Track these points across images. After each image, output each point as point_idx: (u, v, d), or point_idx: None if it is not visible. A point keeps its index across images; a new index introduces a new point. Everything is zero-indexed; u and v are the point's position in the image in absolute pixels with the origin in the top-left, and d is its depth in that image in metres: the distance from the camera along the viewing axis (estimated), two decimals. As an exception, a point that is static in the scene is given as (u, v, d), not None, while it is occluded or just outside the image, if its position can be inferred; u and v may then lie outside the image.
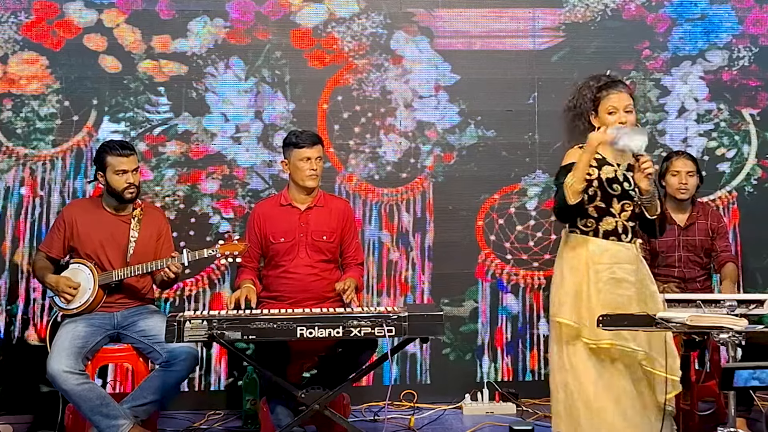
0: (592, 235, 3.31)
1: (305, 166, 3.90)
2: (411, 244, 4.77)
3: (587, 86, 3.37)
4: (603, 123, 3.30)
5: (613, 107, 3.29)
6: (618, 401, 3.22)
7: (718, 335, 2.90)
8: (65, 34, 4.62)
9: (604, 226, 3.30)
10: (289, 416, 3.68)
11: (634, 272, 3.30)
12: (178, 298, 4.61)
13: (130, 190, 3.85)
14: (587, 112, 3.35)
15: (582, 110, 3.36)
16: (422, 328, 3.31)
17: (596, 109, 3.33)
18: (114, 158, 3.81)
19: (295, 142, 3.92)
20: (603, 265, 3.27)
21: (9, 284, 4.53)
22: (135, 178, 3.86)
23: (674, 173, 4.22)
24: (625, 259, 3.29)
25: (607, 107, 3.30)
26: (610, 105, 3.30)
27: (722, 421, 3.05)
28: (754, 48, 4.92)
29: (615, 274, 3.26)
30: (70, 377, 3.53)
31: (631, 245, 3.33)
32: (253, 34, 4.72)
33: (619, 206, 3.31)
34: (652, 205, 3.25)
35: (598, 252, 3.28)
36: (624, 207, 3.31)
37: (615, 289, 3.26)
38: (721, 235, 4.31)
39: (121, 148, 3.84)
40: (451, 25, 4.82)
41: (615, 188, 3.30)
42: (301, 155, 3.90)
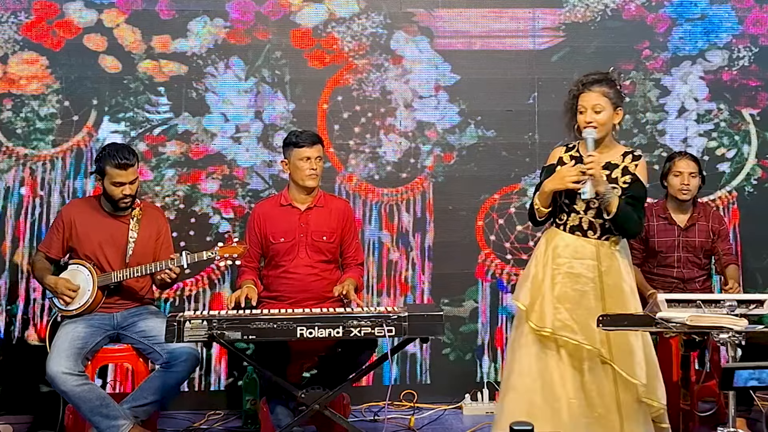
0: (562, 229, 3.50)
1: (305, 165, 3.90)
2: (411, 244, 4.77)
3: (575, 84, 3.53)
4: (578, 121, 3.46)
5: (582, 106, 3.44)
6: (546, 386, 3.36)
7: (718, 335, 2.90)
8: (65, 34, 4.62)
9: (570, 221, 3.48)
10: (289, 416, 3.68)
11: (595, 268, 3.42)
12: (178, 298, 4.61)
13: (124, 201, 3.83)
14: (572, 109, 3.51)
15: (568, 107, 3.53)
16: (422, 328, 3.31)
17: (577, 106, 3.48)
18: (112, 169, 3.77)
19: (295, 141, 3.92)
20: (563, 259, 3.44)
21: (9, 284, 4.53)
22: (132, 188, 3.83)
23: (676, 174, 4.22)
24: (588, 254, 3.43)
25: (579, 107, 3.46)
26: (580, 104, 3.45)
27: (722, 421, 3.05)
28: (754, 48, 4.92)
29: (573, 269, 3.42)
30: (70, 378, 3.53)
31: (598, 242, 3.44)
32: (253, 34, 4.72)
33: (584, 204, 3.44)
34: (606, 203, 3.35)
35: (561, 245, 3.47)
36: (589, 205, 3.44)
37: (572, 283, 3.41)
38: (722, 237, 4.31)
39: (121, 159, 3.76)
40: (451, 25, 4.82)
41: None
42: (301, 155, 3.90)
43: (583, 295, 3.40)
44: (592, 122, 3.40)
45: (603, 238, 3.45)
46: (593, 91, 3.43)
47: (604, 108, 3.42)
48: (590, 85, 3.45)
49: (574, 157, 3.50)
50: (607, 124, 3.43)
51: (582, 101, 3.44)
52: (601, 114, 3.41)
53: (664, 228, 4.26)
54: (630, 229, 3.45)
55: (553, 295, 3.40)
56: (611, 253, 3.44)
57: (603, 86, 3.45)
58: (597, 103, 3.41)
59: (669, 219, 4.27)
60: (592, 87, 3.44)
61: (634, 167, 3.47)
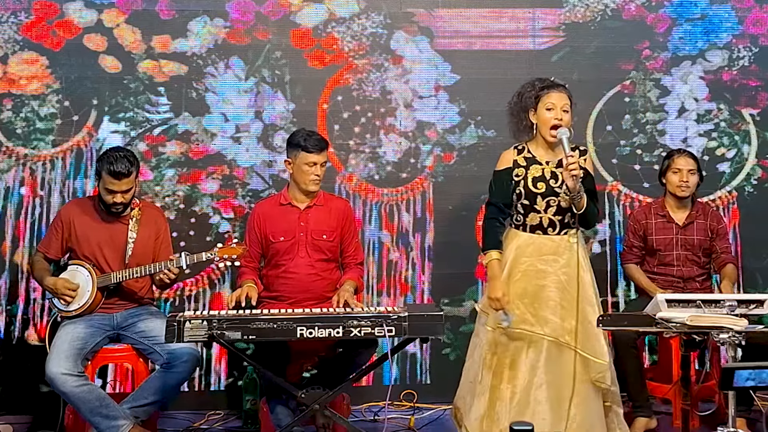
0: (521, 230, 3.63)
1: (310, 170, 3.90)
2: (411, 244, 4.77)
3: (531, 84, 3.62)
4: (540, 118, 3.55)
5: (552, 104, 3.53)
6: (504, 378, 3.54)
7: (718, 335, 2.91)
8: (65, 34, 4.62)
9: (530, 221, 3.61)
10: (289, 416, 3.68)
11: (555, 262, 3.55)
12: (178, 298, 4.61)
13: (115, 207, 3.83)
14: (528, 109, 3.59)
15: (523, 106, 3.61)
16: (422, 328, 3.32)
17: (536, 105, 3.57)
18: (107, 176, 3.75)
19: (304, 146, 3.89)
20: (525, 258, 3.58)
21: (9, 284, 4.53)
22: (125, 197, 3.80)
23: (675, 171, 4.23)
24: (549, 250, 3.57)
25: (546, 103, 3.54)
26: (549, 101, 3.54)
27: (722, 421, 3.05)
28: (754, 48, 4.92)
29: (533, 266, 3.56)
30: (69, 379, 3.53)
31: (560, 237, 3.59)
32: (253, 34, 4.72)
33: (544, 203, 3.57)
34: (579, 200, 3.46)
35: (524, 245, 3.60)
36: (549, 203, 3.57)
37: (530, 279, 3.56)
38: (720, 236, 4.31)
39: (118, 168, 3.70)
40: (451, 25, 4.82)
41: (539, 186, 3.57)
42: (308, 159, 3.90)
43: (542, 289, 3.55)
44: (562, 120, 3.51)
45: (562, 233, 3.60)
46: (561, 91, 3.57)
47: (569, 110, 3.55)
48: (557, 87, 3.57)
49: (528, 158, 3.61)
50: (569, 125, 3.54)
51: (550, 99, 3.53)
52: (569, 114, 3.55)
53: (662, 226, 4.26)
54: (592, 222, 3.69)
55: (514, 292, 3.54)
56: (570, 245, 3.58)
57: (565, 89, 3.59)
58: (566, 102, 3.54)
59: (667, 217, 4.27)
60: (558, 88, 3.57)
61: (583, 162, 3.59)
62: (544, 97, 3.55)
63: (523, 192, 3.59)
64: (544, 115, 3.55)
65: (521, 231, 3.63)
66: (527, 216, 3.60)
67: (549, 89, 3.56)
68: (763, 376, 2.56)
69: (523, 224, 3.62)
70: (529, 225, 3.61)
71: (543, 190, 3.58)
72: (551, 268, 3.56)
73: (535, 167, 3.60)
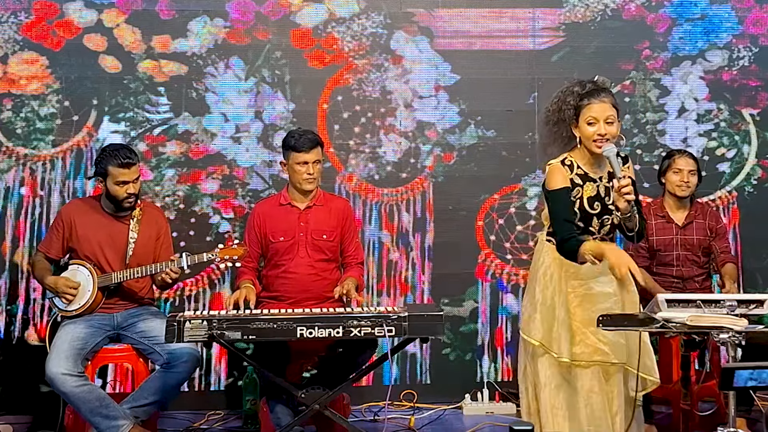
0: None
1: (302, 170, 3.90)
2: (411, 244, 4.77)
3: (570, 92, 3.29)
4: (583, 133, 3.24)
5: (593, 118, 3.21)
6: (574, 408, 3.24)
7: (718, 335, 2.90)
8: (65, 34, 4.62)
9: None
10: (289, 416, 3.68)
11: (611, 282, 3.28)
12: (178, 298, 4.61)
13: (129, 200, 3.83)
14: (570, 120, 3.27)
15: (564, 117, 3.28)
16: (422, 328, 3.31)
17: (578, 117, 3.25)
18: (115, 169, 3.77)
19: (293, 145, 3.90)
20: (578, 281, 3.29)
21: (9, 284, 4.53)
22: (135, 187, 3.83)
23: (676, 171, 4.23)
24: (603, 271, 3.26)
25: (587, 117, 3.22)
26: (590, 115, 3.22)
27: (722, 421, 3.05)
28: (754, 48, 4.92)
29: (591, 290, 3.29)
30: (69, 379, 3.53)
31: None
32: (253, 34, 4.72)
33: (598, 223, 3.31)
34: (631, 221, 3.19)
35: (573, 268, 3.28)
36: (603, 222, 3.32)
37: (592, 305, 3.27)
38: (720, 235, 4.31)
39: (123, 158, 3.77)
40: (451, 25, 4.82)
41: (595, 206, 3.29)
42: (299, 159, 3.90)
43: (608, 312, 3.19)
44: (606, 135, 3.20)
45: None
46: (603, 101, 3.22)
47: (614, 119, 3.23)
48: (598, 95, 3.23)
49: (580, 175, 3.29)
50: (616, 137, 3.24)
51: (592, 112, 3.21)
52: (613, 126, 3.22)
53: (662, 226, 4.26)
54: (642, 234, 3.32)
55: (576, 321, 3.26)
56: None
57: (610, 96, 3.26)
58: (611, 114, 3.21)
59: (666, 217, 4.27)
60: (601, 96, 3.23)
61: (627, 170, 3.34)
62: (584, 109, 3.22)
63: (578, 213, 3.27)
64: (586, 130, 3.22)
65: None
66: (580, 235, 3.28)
67: (590, 99, 3.22)
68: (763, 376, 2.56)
69: None
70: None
71: (599, 210, 3.30)
72: (609, 289, 3.29)
73: (590, 185, 3.28)
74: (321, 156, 3.96)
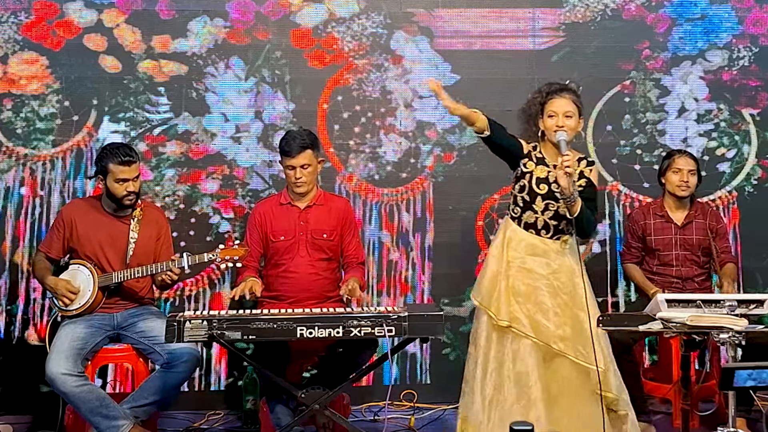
0: (516, 224, 3.65)
1: (290, 173, 3.91)
2: (411, 244, 4.77)
3: (539, 92, 3.66)
4: (545, 125, 3.59)
5: (554, 111, 3.56)
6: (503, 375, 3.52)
7: (718, 335, 2.90)
8: (65, 34, 4.62)
9: (525, 218, 3.62)
10: (289, 416, 3.68)
11: (547, 266, 3.56)
12: (178, 298, 4.61)
13: (129, 198, 3.84)
14: (536, 115, 3.64)
15: (531, 113, 3.66)
16: (422, 328, 3.31)
17: (542, 112, 3.60)
18: (115, 167, 3.78)
19: (282, 148, 3.91)
20: (516, 253, 3.59)
21: (9, 284, 4.53)
22: (135, 185, 3.84)
23: (676, 170, 4.23)
24: (540, 252, 3.58)
25: (548, 111, 3.58)
26: (551, 109, 3.57)
27: (722, 421, 3.05)
28: (754, 48, 4.92)
29: (525, 264, 3.57)
30: (69, 379, 3.53)
31: (552, 241, 3.59)
32: (253, 34, 4.72)
33: (543, 204, 3.59)
34: (573, 204, 3.45)
35: (516, 240, 3.62)
36: (548, 206, 3.59)
37: (522, 278, 3.56)
38: (720, 235, 4.31)
39: (124, 156, 3.78)
40: (451, 25, 4.82)
41: (541, 187, 3.59)
42: (286, 163, 3.91)
43: (534, 291, 3.54)
44: (564, 126, 3.52)
45: (555, 238, 3.60)
46: (564, 97, 3.58)
47: (573, 114, 3.57)
48: (560, 92, 3.59)
49: (538, 157, 3.63)
50: (575, 130, 3.58)
51: (552, 106, 3.57)
52: (572, 119, 3.56)
53: (661, 226, 4.26)
54: (588, 229, 3.60)
55: (509, 290, 3.56)
56: (562, 251, 3.59)
57: (571, 94, 3.60)
58: (569, 109, 3.56)
59: (666, 217, 4.27)
60: (562, 93, 3.59)
61: (588, 172, 3.64)
62: (547, 104, 3.59)
63: (526, 186, 3.61)
64: (547, 122, 3.58)
65: (516, 224, 3.65)
66: (525, 212, 3.62)
67: (553, 96, 3.59)
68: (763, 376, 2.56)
69: (519, 218, 3.64)
70: (525, 221, 3.63)
71: (545, 191, 3.59)
72: (542, 270, 3.57)
73: (542, 168, 3.61)
74: (312, 159, 3.92)
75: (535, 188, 3.60)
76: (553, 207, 3.58)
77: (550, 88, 3.63)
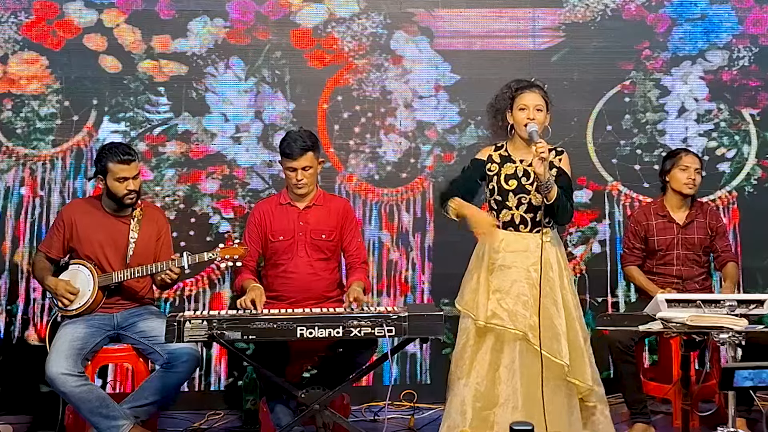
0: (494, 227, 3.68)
1: (291, 175, 3.90)
2: (411, 244, 4.77)
3: (507, 87, 3.74)
4: (515, 118, 3.66)
5: (524, 105, 3.64)
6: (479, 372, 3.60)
7: (718, 335, 2.91)
8: (65, 34, 4.62)
9: (502, 218, 3.70)
10: (289, 416, 3.68)
11: (525, 258, 3.62)
12: (178, 298, 4.61)
13: (129, 197, 3.83)
14: (504, 110, 3.71)
15: (500, 107, 3.74)
16: (422, 328, 3.32)
17: (512, 106, 3.68)
18: (115, 165, 3.78)
19: (283, 150, 3.89)
20: (496, 254, 3.67)
21: (9, 284, 4.53)
22: (135, 184, 3.84)
23: (683, 168, 4.22)
24: (520, 247, 3.65)
25: (519, 104, 3.66)
26: (522, 102, 3.65)
27: (722, 421, 3.05)
28: (754, 48, 4.92)
29: (505, 261, 3.65)
30: (69, 379, 3.53)
31: (532, 235, 3.66)
32: (253, 34, 4.72)
33: (516, 200, 3.67)
34: (549, 190, 3.51)
35: (495, 241, 3.67)
36: (521, 200, 3.67)
37: (503, 275, 3.63)
38: (720, 234, 4.31)
39: (123, 154, 3.78)
40: (451, 25, 4.82)
41: (510, 183, 3.68)
42: (287, 164, 3.89)
43: (513, 284, 3.61)
44: (534, 119, 3.60)
45: (534, 231, 3.66)
46: (534, 91, 3.67)
47: (543, 108, 3.65)
48: (530, 87, 3.68)
49: (503, 156, 3.71)
50: (544, 124, 3.65)
51: (523, 100, 3.65)
52: (541, 113, 3.64)
53: (663, 226, 4.26)
54: (564, 216, 3.67)
55: (490, 288, 3.64)
56: (542, 244, 3.61)
57: (540, 90, 3.70)
58: (539, 102, 3.65)
59: (668, 217, 4.27)
60: (532, 89, 3.68)
61: (558, 161, 3.71)
62: (518, 98, 3.66)
63: (495, 188, 3.70)
64: (518, 115, 3.65)
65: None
66: (500, 213, 3.70)
67: (522, 90, 3.67)
68: (763, 376, 2.56)
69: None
70: (502, 222, 3.69)
71: (514, 186, 3.66)
72: (521, 263, 3.62)
73: (509, 165, 3.69)
74: (313, 161, 3.91)
75: (504, 185, 3.68)
76: (526, 200, 3.66)
77: (518, 84, 3.72)
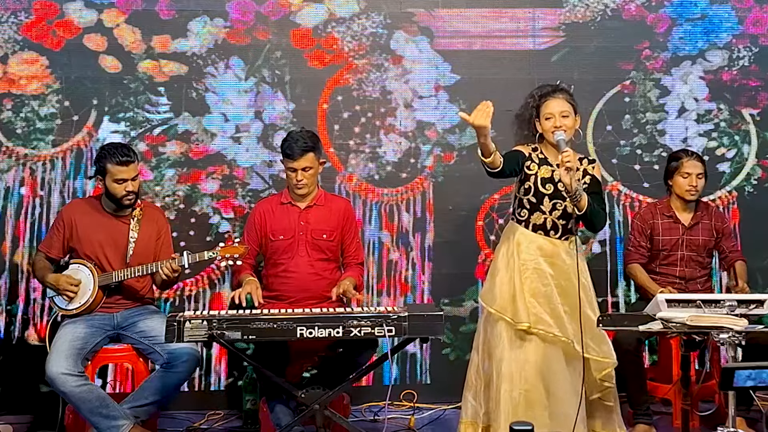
0: (524, 226, 3.67)
1: (291, 176, 3.91)
2: (411, 244, 4.77)
3: (531, 96, 3.72)
4: (543, 127, 3.63)
5: (550, 113, 3.61)
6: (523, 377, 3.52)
7: (718, 335, 2.90)
8: (65, 34, 4.62)
9: (534, 219, 3.66)
10: (289, 416, 3.68)
11: (556, 266, 3.61)
12: (178, 298, 4.61)
13: (128, 198, 3.83)
14: (532, 119, 3.70)
15: (527, 116, 3.72)
16: (422, 328, 3.31)
17: (538, 115, 3.66)
18: (114, 167, 3.77)
19: (284, 150, 3.90)
20: (529, 255, 3.61)
21: (9, 284, 4.53)
22: (134, 185, 3.84)
23: (685, 175, 4.22)
24: (549, 253, 3.63)
25: (545, 114, 3.63)
26: (547, 111, 3.63)
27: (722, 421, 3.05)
28: (754, 48, 4.92)
29: (539, 266, 3.60)
30: (69, 379, 3.53)
31: (561, 242, 3.65)
32: (253, 34, 4.72)
33: (550, 204, 3.64)
34: (579, 199, 3.49)
35: (525, 242, 3.64)
36: (555, 206, 3.64)
37: (540, 279, 3.59)
38: (726, 235, 4.33)
39: (122, 156, 3.78)
40: (451, 25, 4.82)
41: (547, 187, 3.64)
42: (288, 165, 3.91)
43: (549, 292, 3.58)
44: (561, 126, 3.57)
45: (563, 239, 3.66)
46: (557, 98, 3.64)
47: (569, 113, 3.62)
48: (553, 93, 3.65)
49: (540, 158, 3.67)
50: (573, 128, 3.63)
51: (548, 108, 3.62)
52: (569, 118, 3.61)
53: (669, 226, 4.26)
54: (599, 223, 3.66)
55: (527, 292, 3.56)
56: (571, 252, 3.63)
57: (565, 94, 3.66)
58: (564, 108, 3.62)
59: (674, 218, 4.27)
60: (555, 94, 3.64)
61: (591, 169, 3.72)
62: (543, 106, 3.64)
63: (532, 188, 3.66)
64: (545, 124, 3.63)
65: (523, 227, 3.68)
66: (532, 214, 3.66)
67: (547, 98, 3.64)
68: (763, 376, 2.56)
69: (526, 221, 3.67)
70: (533, 224, 3.66)
71: (551, 191, 3.64)
72: (554, 271, 3.60)
73: (545, 168, 3.66)
74: (314, 162, 3.92)
75: (541, 189, 3.64)
76: (561, 206, 3.63)
77: (542, 90, 3.69)
